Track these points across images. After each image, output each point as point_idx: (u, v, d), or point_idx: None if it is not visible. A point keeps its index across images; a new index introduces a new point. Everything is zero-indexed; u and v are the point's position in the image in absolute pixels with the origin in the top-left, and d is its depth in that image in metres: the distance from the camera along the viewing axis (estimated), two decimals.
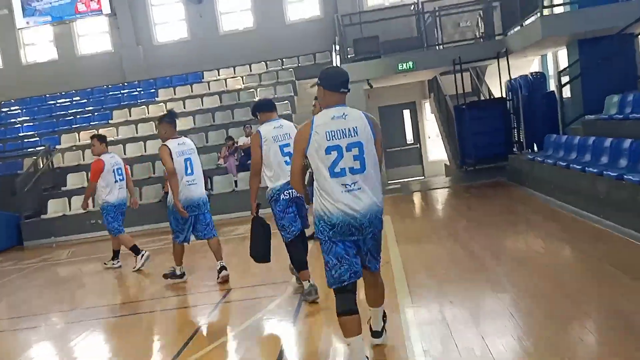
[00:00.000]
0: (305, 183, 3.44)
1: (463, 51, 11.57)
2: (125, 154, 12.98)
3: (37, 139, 14.10)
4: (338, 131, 3.11)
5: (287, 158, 4.64)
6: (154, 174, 12.00)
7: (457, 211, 9.01)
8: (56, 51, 18.29)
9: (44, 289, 7.27)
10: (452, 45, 12.30)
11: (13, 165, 12.78)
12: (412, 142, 16.53)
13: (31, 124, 15.32)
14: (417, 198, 11.03)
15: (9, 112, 16.53)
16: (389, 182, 15.12)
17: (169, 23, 18.03)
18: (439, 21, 12.55)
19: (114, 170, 7.01)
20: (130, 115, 14.77)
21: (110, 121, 14.57)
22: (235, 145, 11.79)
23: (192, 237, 6.02)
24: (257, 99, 14.38)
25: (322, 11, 17.36)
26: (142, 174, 12.05)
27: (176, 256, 6.06)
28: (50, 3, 17.72)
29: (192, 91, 15.65)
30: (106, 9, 17.64)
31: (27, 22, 17.87)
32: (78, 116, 15.15)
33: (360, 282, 3.31)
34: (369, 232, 3.18)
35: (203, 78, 16.48)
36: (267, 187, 4.82)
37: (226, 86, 15.58)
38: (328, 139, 3.10)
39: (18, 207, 11.44)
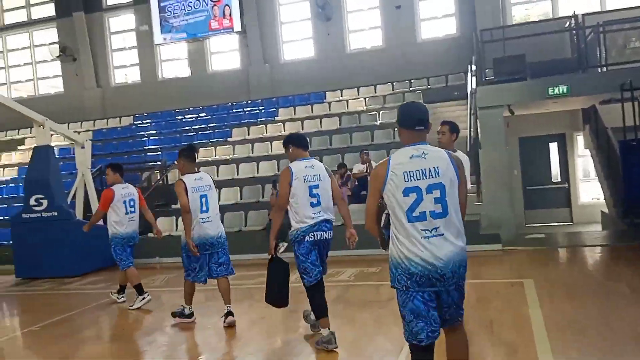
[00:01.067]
0: (382, 225, 3.17)
1: (635, 75, 9.35)
2: (237, 174, 12.46)
3: (159, 153, 14.17)
4: (417, 171, 2.93)
5: (314, 200, 4.64)
6: (262, 197, 11.24)
7: (620, 283, 6.82)
8: (189, 68, 18.74)
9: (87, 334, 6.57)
10: (618, 68, 10.08)
11: (131, 179, 12.73)
12: (559, 180, 14.06)
13: (156, 137, 15.55)
14: (564, 256, 8.96)
15: (139, 125, 17.05)
16: (527, 225, 13.00)
17: (296, 41, 17.62)
18: (603, 38, 10.38)
19: (125, 201, 6.78)
20: (248, 134, 14.35)
21: (228, 139, 14.25)
22: (348, 173, 10.63)
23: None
24: (378, 122, 13.24)
25: (458, 29, 15.77)
26: (250, 197, 11.37)
27: (185, 295, 5.88)
28: (186, 20, 18.17)
29: (312, 111, 14.89)
30: (237, 26, 17.67)
31: (164, 39, 18.49)
32: (200, 132, 15.07)
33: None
34: (452, 283, 2.92)
35: (325, 98, 15.69)
36: (292, 228, 4.71)
37: (347, 107, 14.58)
38: (406, 179, 2.92)
39: None
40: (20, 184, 13.28)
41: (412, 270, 2.87)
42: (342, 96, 15.61)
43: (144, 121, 17.35)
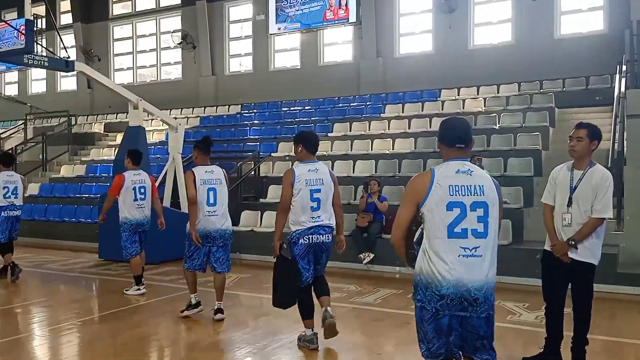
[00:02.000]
0: (414, 240, 2.90)
1: None
2: (332, 170, 11.46)
3: (257, 143, 13.65)
4: (463, 187, 2.77)
5: (314, 204, 4.65)
6: (353, 199, 10.14)
7: None
8: (300, 59, 18.19)
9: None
10: None
11: (225, 168, 12.34)
12: None
13: (258, 128, 15.09)
14: None
15: (244, 115, 16.78)
16: None
17: (414, 34, 16.27)
18: None
19: (134, 188, 6.82)
20: (349, 130, 13.34)
21: (329, 134, 13.33)
22: None
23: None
24: (497, 126, 11.55)
25: (606, 24, 13.44)
26: (342, 198, 10.30)
27: (188, 284, 5.93)
28: (301, 10, 17.58)
29: (422, 109, 13.50)
30: (352, 17, 16.71)
31: (279, 28, 18.07)
32: (301, 125, 14.34)
33: None
34: (483, 310, 2.75)
35: (439, 97, 14.21)
36: (290, 230, 4.75)
37: (463, 107, 12.98)
38: (451, 193, 2.75)
39: None
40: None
41: (443, 291, 2.72)
42: (458, 95, 14.03)
43: (250, 111, 17.06)
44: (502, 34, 14.91)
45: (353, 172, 11.14)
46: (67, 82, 23.25)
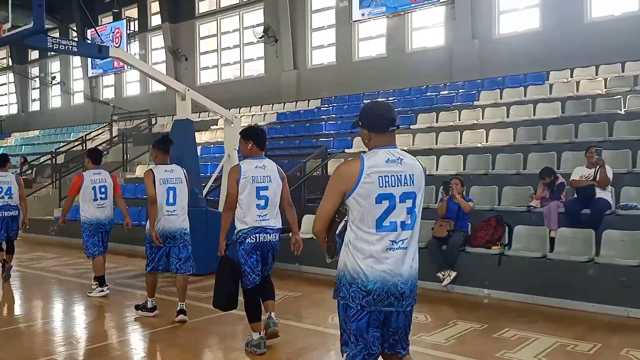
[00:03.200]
0: (337, 233, 2.73)
1: None
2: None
3: (331, 139, 12.27)
4: (393, 177, 2.65)
5: (261, 202, 4.54)
6: (434, 202, 8.36)
7: None
8: (386, 47, 16.58)
9: None
10: None
11: (293, 165, 11.10)
12: None
13: (334, 122, 13.70)
14: None
15: (322, 109, 15.48)
16: None
17: (517, 10, 14.02)
18: None
19: (94, 187, 6.72)
20: (436, 121, 11.53)
21: (411, 126, 11.62)
22: (562, 181, 7.14)
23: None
24: (622, 110, 9.20)
25: None
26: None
27: (148, 287, 5.83)
28: None
29: (524, 95, 11.35)
30: None
31: (363, 14, 16.57)
32: None
33: None
34: (408, 304, 2.68)
35: (547, 79, 11.94)
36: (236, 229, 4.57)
37: (576, 90, 10.68)
38: (381, 185, 2.63)
39: None
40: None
41: (369, 286, 2.60)
42: (571, 77, 11.66)
43: (330, 105, 15.72)
44: (626, 3, 12.27)
45: (436, 170, 9.37)
46: (158, 84, 23.44)
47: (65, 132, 23.53)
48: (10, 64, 29.34)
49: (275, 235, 4.62)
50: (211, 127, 17.03)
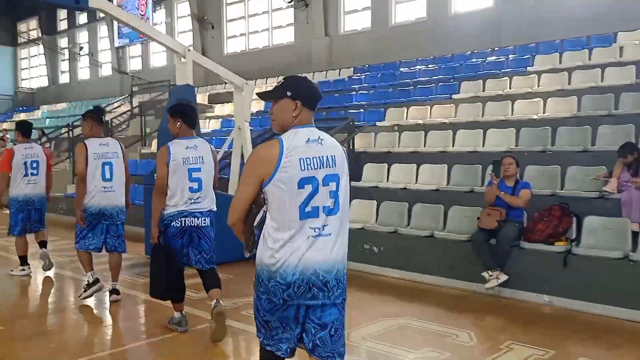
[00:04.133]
0: (255, 225, 2.46)
1: None
2: (453, 145, 8.36)
3: (361, 111, 10.91)
4: (315, 159, 2.38)
5: (193, 184, 4.27)
6: (480, 184, 6.98)
7: None
8: (426, 9, 14.99)
9: None
10: None
11: None
12: None
13: (366, 92, 12.30)
14: None
15: (354, 78, 14.08)
16: None
17: None
18: None
19: (25, 162, 6.41)
20: (482, 90, 10.01)
21: (453, 96, 10.12)
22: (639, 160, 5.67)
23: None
24: None
25: None
26: (461, 181, 7.22)
27: (82, 262, 5.44)
28: None
29: (588, 59, 9.69)
30: None
31: None
32: (418, 87, 11.29)
33: None
34: (337, 296, 2.41)
35: (615, 41, 10.22)
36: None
37: None
38: (302, 168, 2.35)
39: None
40: (214, 138, 11.60)
41: (289, 278, 2.34)
42: None
43: (363, 74, 14.30)
44: None
45: (483, 146, 7.94)
46: None
47: (92, 105, 22.88)
48: (40, 35, 28.88)
49: (205, 220, 4.31)
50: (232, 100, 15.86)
